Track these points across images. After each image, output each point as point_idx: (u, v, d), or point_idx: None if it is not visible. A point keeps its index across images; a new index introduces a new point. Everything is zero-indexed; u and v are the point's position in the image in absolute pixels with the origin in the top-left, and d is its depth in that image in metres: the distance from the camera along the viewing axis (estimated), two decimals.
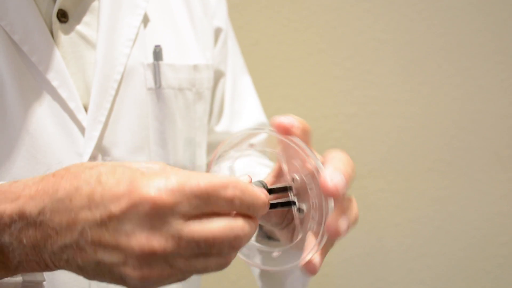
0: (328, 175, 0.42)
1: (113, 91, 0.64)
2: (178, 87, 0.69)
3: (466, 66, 1.39)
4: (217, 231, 0.38)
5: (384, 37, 1.37)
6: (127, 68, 0.65)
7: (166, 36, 0.70)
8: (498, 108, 1.41)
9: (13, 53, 0.60)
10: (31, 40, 0.60)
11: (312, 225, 0.45)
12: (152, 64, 0.68)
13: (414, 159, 1.41)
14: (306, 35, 1.36)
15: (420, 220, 1.43)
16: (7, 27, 0.59)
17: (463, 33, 1.38)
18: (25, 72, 0.60)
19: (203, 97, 0.72)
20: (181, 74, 0.69)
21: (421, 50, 1.38)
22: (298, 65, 1.37)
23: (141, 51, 0.67)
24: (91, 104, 0.63)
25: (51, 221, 0.40)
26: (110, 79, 0.64)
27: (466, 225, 1.44)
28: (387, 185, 1.41)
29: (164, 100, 0.68)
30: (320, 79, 1.37)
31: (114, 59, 0.64)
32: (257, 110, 0.84)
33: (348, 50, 1.37)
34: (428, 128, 1.40)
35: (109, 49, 0.64)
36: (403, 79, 1.39)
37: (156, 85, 0.68)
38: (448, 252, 1.44)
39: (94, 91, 0.63)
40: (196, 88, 0.71)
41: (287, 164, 0.47)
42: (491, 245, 1.44)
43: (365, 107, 1.39)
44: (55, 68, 0.61)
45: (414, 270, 1.44)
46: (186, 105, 0.70)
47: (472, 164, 1.42)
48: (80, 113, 0.62)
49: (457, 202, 1.43)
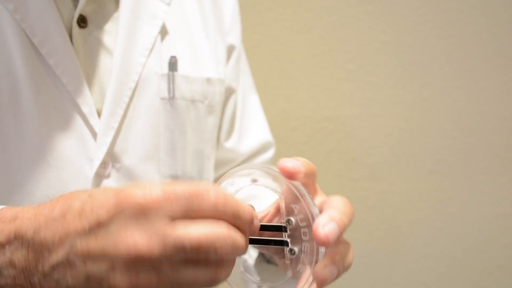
0: (321, 223, 0.42)
1: (127, 99, 0.65)
2: (191, 99, 0.70)
3: (468, 68, 1.39)
4: (202, 233, 0.39)
5: (387, 39, 1.38)
6: (142, 77, 0.66)
7: (181, 48, 0.71)
8: (500, 110, 1.41)
9: (32, 55, 0.60)
10: (50, 43, 0.61)
11: (302, 268, 0.46)
12: (167, 74, 0.68)
13: (416, 161, 1.41)
14: (308, 37, 1.36)
15: (422, 222, 1.43)
16: (27, 29, 0.60)
17: (465, 36, 1.38)
18: (42, 74, 0.61)
19: (215, 111, 0.73)
20: (195, 86, 0.70)
21: (423, 52, 1.38)
22: (300, 66, 1.37)
23: (156, 61, 0.67)
24: (105, 110, 0.63)
25: (45, 239, 0.40)
26: (125, 86, 0.64)
27: (467, 226, 1.44)
28: (389, 187, 1.42)
29: (177, 110, 0.68)
30: (323, 81, 1.38)
31: (130, 67, 0.65)
32: (263, 129, 0.85)
33: (350, 52, 1.37)
34: (430, 130, 1.41)
35: (126, 57, 0.65)
36: (405, 81, 1.39)
37: (169, 95, 0.68)
38: (450, 254, 1.44)
39: (109, 97, 0.63)
40: (208, 101, 0.72)
41: (286, 205, 0.48)
42: (492, 246, 1.44)
43: (367, 109, 1.39)
44: (72, 72, 0.61)
45: (415, 271, 1.44)
46: (198, 117, 0.70)
47: (473, 166, 1.42)
48: (93, 118, 0.62)
49: (459, 203, 1.43)
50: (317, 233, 0.42)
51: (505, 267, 1.45)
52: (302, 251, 0.46)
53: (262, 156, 0.84)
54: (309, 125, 1.38)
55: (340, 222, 0.43)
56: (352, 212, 0.46)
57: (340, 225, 0.43)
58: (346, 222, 0.44)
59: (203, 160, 0.72)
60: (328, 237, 0.42)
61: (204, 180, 0.73)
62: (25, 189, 0.60)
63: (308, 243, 0.46)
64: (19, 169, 0.60)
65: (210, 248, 0.39)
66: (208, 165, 0.73)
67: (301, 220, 0.46)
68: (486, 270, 1.45)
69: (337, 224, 0.43)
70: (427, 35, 1.38)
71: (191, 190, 0.39)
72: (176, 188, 0.39)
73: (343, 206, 0.45)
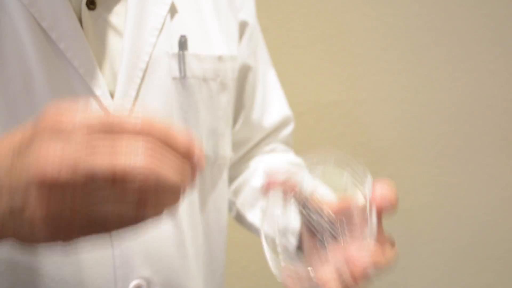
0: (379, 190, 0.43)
1: (139, 80, 0.64)
2: (203, 78, 0.69)
3: (478, 51, 1.38)
4: (117, 162, 0.36)
5: (394, 23, 1.37)
6: (153, 57, 0.66)
7: (191, 27, 0.70)
8: (508, 93, 1.40)
9: (42, 40, 0.60)
10: (59, 27, 0.60)
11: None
12: (177, 54, 0.68)
13: (424, 145, 1.41)
14: (315, 21, 1.35)
15: (430, 206, 1.43)
16: (36, 14, 0.59)
17: (474, 18, 1.37)
18: (53, 59, 0.60)
19: (227, 88, 0.72)
20: (206, 64, 0.69)
21: (432, 35, 1.37)
22: (307, 51, 1.36)
23: (166, 41, 0.67)
24: (117, 91, 0.63)
25: None
26: (136, 67, 0.64)
27: (475, 210, 1.43)
28: (397, 171, 1.41)
29: (189, 89, 0.68)
30: (329, 65, 1.37)
31: (140, 48, 0.65)
32: (283, 103, 0.84)
33: (357, 36, 1.37)
34: (438, 113, 1.40)
35: (136, 38, 0.65)
36: (413, 65, 1.38)
37: (180, 75, 0.67)
38: (458, 238, 1.44)
39: (121, 78, 0.63)
40: (221, 79, 0.71)
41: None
42: (500, 230, 1.44)
43: (374, 93, 1.38)
44: (83, 56, 0.61)
45: (423, 255, 1.45)
46: (210, 95, 0.70)
47: (482, 149, 1.41)
48: (106, 99, 0.62)
49: (467, 187, 1.43)
50: (376, 197, 0.43)
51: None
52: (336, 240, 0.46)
53: (283, 132, 0.84)
54: (317, 110, 1.37)
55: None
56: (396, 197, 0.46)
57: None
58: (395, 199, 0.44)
59: (217, 137, 0.72)
60: (387, 196, 0.43)
61: (219, 158, 0.72)
62: None
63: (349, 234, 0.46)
64: None
65: (127, 179, 0.36)
66: (222, 142, 0.73)
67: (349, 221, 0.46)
68: (495, 254, 1.45)
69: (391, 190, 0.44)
70: (435, 18, 1.37)
71: (115, 116, 0.37)
72: (99, 114, 0.37)
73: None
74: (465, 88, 1.39)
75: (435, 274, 1.45)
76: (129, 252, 0.63)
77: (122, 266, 0.63)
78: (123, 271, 0.63)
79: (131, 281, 0.63)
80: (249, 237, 0.78)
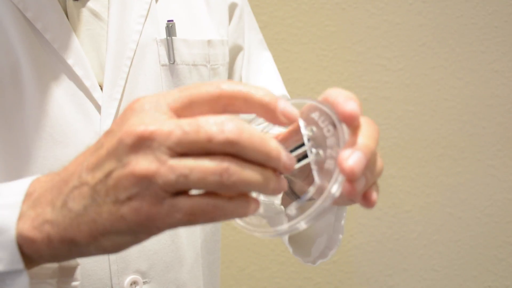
0: (345, 156, 0.39)
1: (127, 68, 0.64)
2: (193, 63, 0.68)
3: (481, 50, 1.37)
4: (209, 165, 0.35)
5: (396, 20, 1.35)
6: (140, 45, 0.65)
7: (178, 11, 0.69)
8: (510, 93, 1.39)
9: (27, 31, 0.59)
10: (44, 17, 0.59)
11: (327, 175, 0.42)
12: (165, 40, 0.67)
13: (426, 145, 1.40)
14: (316, 18, 1.34)
15: (432, 207, 1.42)
16: (19, 4, 0.58)
17: (477, 16, 1.36)
18: (40, 50, 0.60)
19: (218, 73, 0.72)
20: (195, 49, 0.69)
21: (433, 33, 1.36)
22: (308, 48, 1.35)
23: (153, 27, 0.66)
24: (106, 82, 0.62)
25: (64, 174, 0.40)
26: (123, 56, 0.63)
27: (478, 211, 1.42)
28: (398, 171, 1.40)
29: (179, 76, 0.67)
30: (331, 63, 1.36)
31: (126, 36, 0.64)
32: (278, 84, 0.82)
33: (359, 33, 1.35)
34: (440, 113, 1.39)
35: (121, 26, 0.64)
36: (415, 63, 1.37)
37: (170, 61, 0.67)
38: (460, 239, 1.43)
39: (108, 68, 0.62)
40: (211, 64, 0.70)
41: (305, 116, 0.44)
42: (503, 231, 1.43)
43: (376, 91, 1.37)
44: (70, 46, 0.60)
45: (425, 256, 1.43)
46: (201, 81, 0.69)
47: (484, 149, 1.40)
48: (95, 91, 0.62)
49: (469, 188, 1.41)
50: (342, 168, 0.38)
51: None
52: (326, 157, 0.43)
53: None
54: None
55: (365, 149, 0.39)
56: (377, 131, 0.42)
57: (366, 153, 0.39)
58: (373, 146, 0.40)
59: None
60: (354, 170, 0.38)
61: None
62: (33, 167, 0.60)
63: (333, 149, 0.41)
64: (26, 147, 0.60)
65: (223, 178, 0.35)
66: None
67: (325, 127, 0.42)
68: (497, 256, 1.44)
69: (362, 152, 0.39)
70: (437, 16, 1.35)
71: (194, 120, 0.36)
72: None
73: (367, 128, 0.41)
74: (467, 88, 1.38)
75: (436, 275, 1.44)
76: None
77: (117, 261, 0.62)
78: (119, 266, 0.62)
79: (127, 276, 0.63)
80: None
